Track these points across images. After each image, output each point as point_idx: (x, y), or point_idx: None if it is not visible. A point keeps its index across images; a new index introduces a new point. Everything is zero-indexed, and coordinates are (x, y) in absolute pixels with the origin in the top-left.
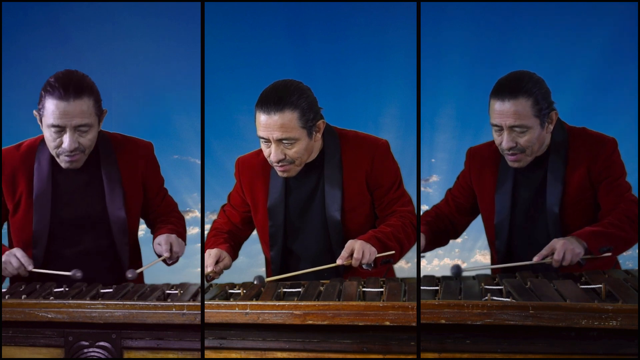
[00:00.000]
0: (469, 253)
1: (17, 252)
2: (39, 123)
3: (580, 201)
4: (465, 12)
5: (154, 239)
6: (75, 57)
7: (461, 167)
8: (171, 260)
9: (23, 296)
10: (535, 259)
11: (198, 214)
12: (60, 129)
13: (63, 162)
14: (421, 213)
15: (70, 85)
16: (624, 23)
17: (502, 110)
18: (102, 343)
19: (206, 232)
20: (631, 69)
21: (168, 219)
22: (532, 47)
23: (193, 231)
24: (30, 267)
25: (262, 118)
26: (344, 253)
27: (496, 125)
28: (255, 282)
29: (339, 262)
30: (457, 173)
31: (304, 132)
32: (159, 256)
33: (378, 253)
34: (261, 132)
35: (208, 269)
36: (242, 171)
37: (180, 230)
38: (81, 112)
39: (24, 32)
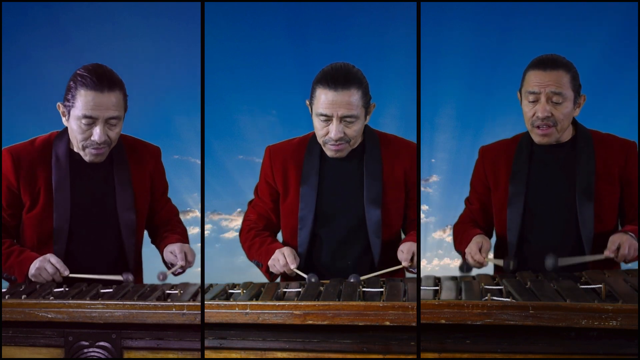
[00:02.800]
0: None
1: (52, 257)
2: (64, 116)
3: (610, 195)
4: (465, 12)
5: (162, 246)
6: (75, 57)
7: (461, 167)
8: (181, 270)
9: (23, 296)
10: (607, 253)
11: (198, 214)
12: (91, 121)
13: (88, 154)
14: (422, 213)
15: (104, 77)
16: (624, 23)
17: (542, 80)
18: (102, 343)
19: (206, 232)
20: (631, 69)
21: (174, 228)
22: (532, 47)
23: (193, 231)
24: (67, 273)
25: (326, 95)
26: (407, 256)
27: (533, 93)
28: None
29: (405, 264)
30: (457, 173)
31: (363, 112)
32: (168, 263)
33: None
34: (324, 109)
35: (292, 266)
36: (275, 156)
37: (186, 241)
38: (113, 104)
39: (24, 32)
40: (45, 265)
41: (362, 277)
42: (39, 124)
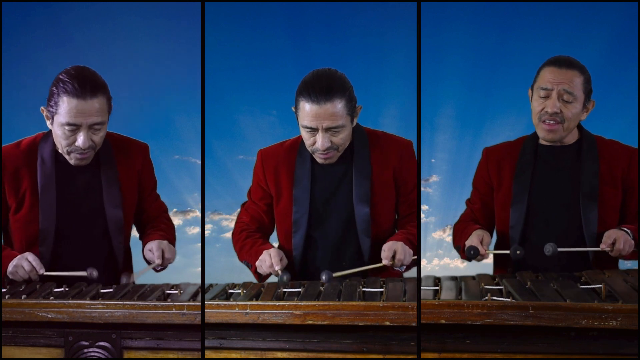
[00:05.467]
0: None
1: (29, 256)
2: (47, 120)
3: (613, 198)
4: (465, 12)
5: (144, 244)
6: (76, 57)
7: (461, 167)
8: (161, 267)
9: (23, 296)
10: (602, 247)
11: (198, 213)
12: (75, 127)
13: (73, 159)
14: (421, 214)
15: (86, 83)
16: (624, 23)
17: (555, 77)
18: (102, 343)
19: (206, 232)
20: (631, 69)
21: (158, 225)
22: (532, 48)
23: (194, 231)
24: (42, 271)
25: (310, 108)
26: (388, 254)
27: (545, 89)
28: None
29: (385, 262)
30: (457, 173)
31: (349, 119)
32: (149, 262)
33: (413, 255)
34: (308, 122)
35: (276, 267)
36: (266, 160)
37: (169, 237)
38: (96, 110)
39: (25, 32)
40: (22, 263)
41: (335, 274)
42: (39, 123)
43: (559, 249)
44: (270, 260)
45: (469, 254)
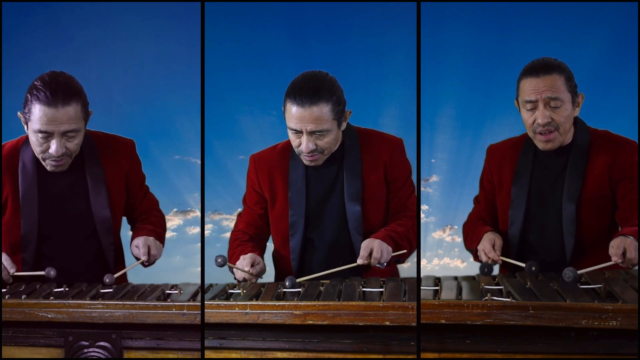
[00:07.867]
0: (468, 253)
1: (2, 256)
2: (24, 125)
3: (598, 199)
4: (465, 12)
5: (132, 240)
6: (76, 57)
7: (461, 167)
8: (148, 262)
9: (23, 296)
10: (614, 259)
11: (198, 213)
12: (47, 135)
13: (49, 165)
14: (422, 213)
15: (59, 91)
16: (624, 23)
17: (536, 87)
18: (102, 343)
19: (206, 232)
20: (631, 69)
21: (148, 219)
22: (532, 48)
23: (194, 231)
24: (13, 271)
25: (295, 110)
26: (364, 253)
27: (530, 102)
28: (287, 284)
29: (359, 262)
30: (457, 173)
31: (335, 123)
32: (137, 258)
33: (392, 252)
34: (293, 124)
35: (246, 268)
36: (260, 164)
37: (159, 230)
38: (69, 118)
39: (25, 32)
40: None
41: (299, 280)
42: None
43: (579, 272)
44: (242, 263)
45: (483, 272)
